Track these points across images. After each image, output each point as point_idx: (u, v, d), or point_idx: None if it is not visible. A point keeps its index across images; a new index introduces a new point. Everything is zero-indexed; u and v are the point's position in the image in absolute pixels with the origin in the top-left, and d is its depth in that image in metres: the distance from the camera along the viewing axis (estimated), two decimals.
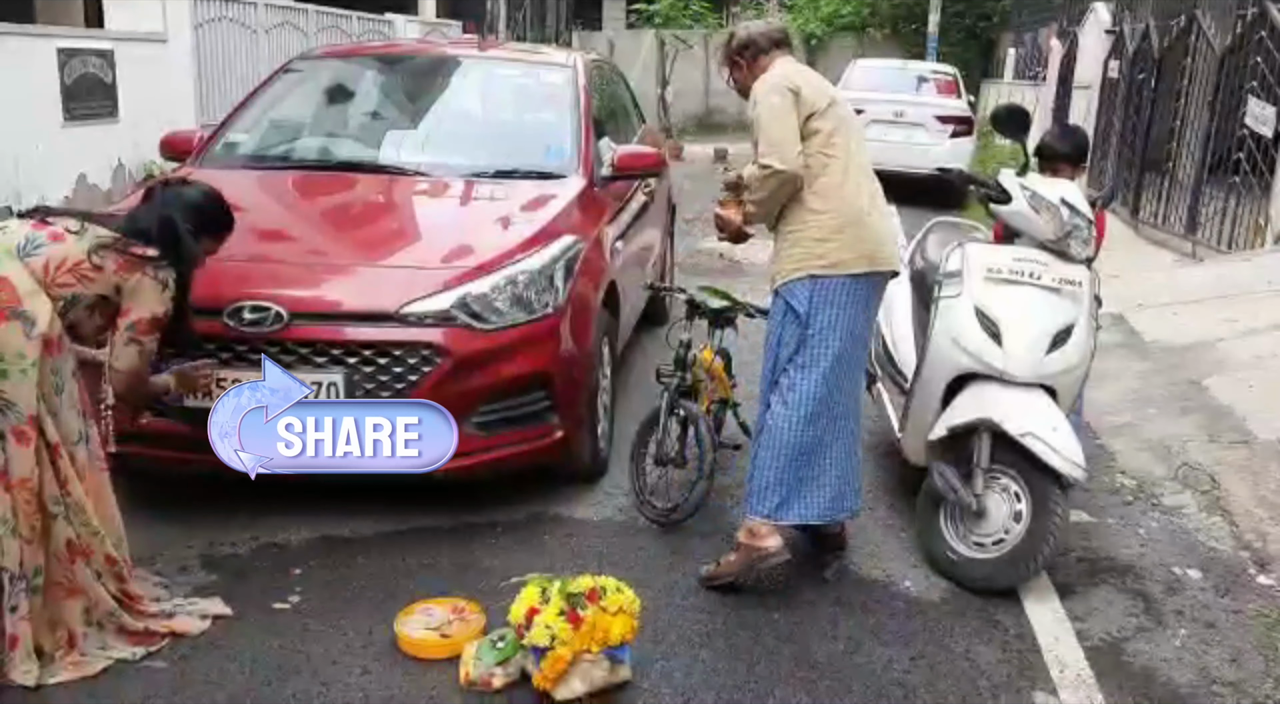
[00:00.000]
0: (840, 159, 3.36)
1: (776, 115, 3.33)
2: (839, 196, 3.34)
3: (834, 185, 3.34)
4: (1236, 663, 3.19)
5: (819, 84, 3.47)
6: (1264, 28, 7.90)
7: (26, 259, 2.84)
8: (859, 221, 3.34)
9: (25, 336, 2.76)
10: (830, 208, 3.33)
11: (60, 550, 2.89)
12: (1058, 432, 3.43)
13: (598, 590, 2.94)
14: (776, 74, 3.45)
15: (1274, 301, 6.43)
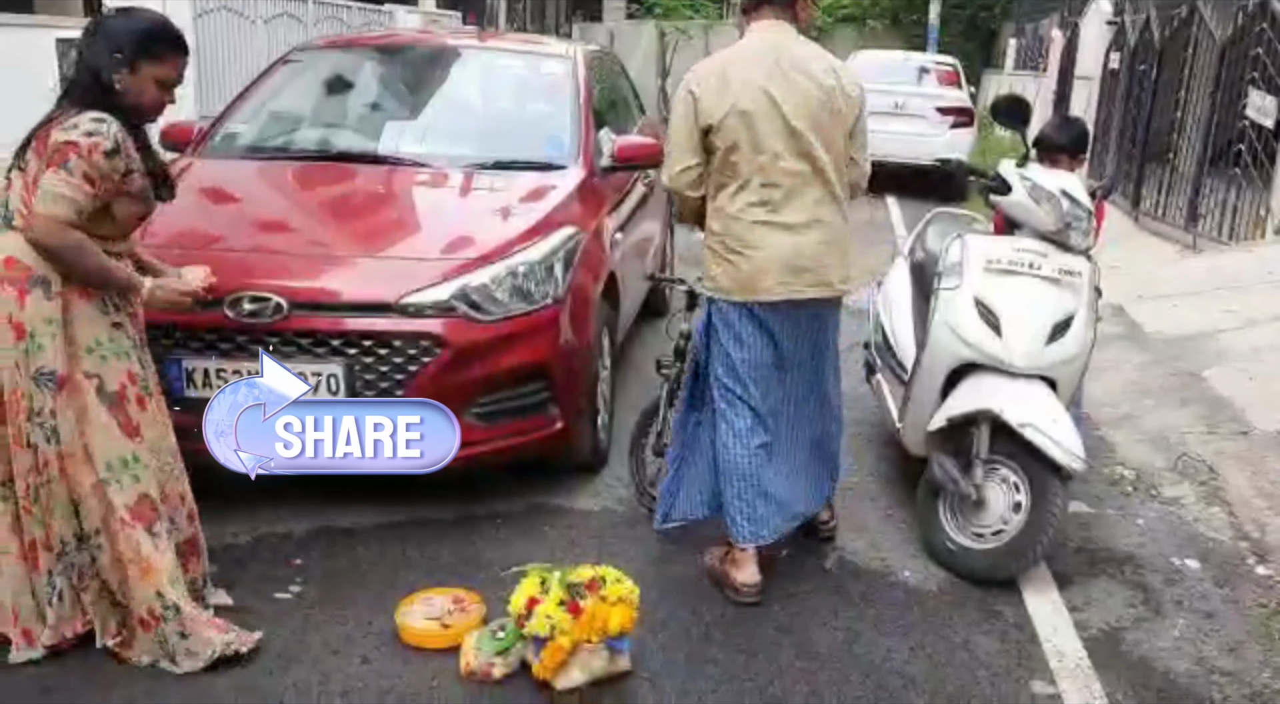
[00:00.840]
0: (736, 180, 3.19)
1: (674, 123, 3.25)
2: (724, 218, 3.23)
3: (721, 208, 3.23)
4: (1234, 653, 3.20)
5: (732, 81, 3.16)
6: (1265, 19, 7.88)
7: (10, 223, 2.76)
8: (744, 246, 3.21)
9: (46, 299, 2.70)
10: (719, 231, 3.25)
11: (120, 520, 2.81)
12: (1057, 423, 3.43)
13: (597, 580, 2.95)
14: (706, 62, 3.30)
15: (1274, 293, 6.42)
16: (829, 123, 3.21)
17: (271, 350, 3.36)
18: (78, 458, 2.79)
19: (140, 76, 2.82)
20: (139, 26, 2.85)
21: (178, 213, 4.07)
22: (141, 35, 2.83)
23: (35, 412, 2.74)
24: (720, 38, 22.87)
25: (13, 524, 2.83)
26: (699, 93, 3.16)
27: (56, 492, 2.80)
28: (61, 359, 2.74)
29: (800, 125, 3.15)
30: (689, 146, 3.21)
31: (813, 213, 3.21)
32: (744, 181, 3.17)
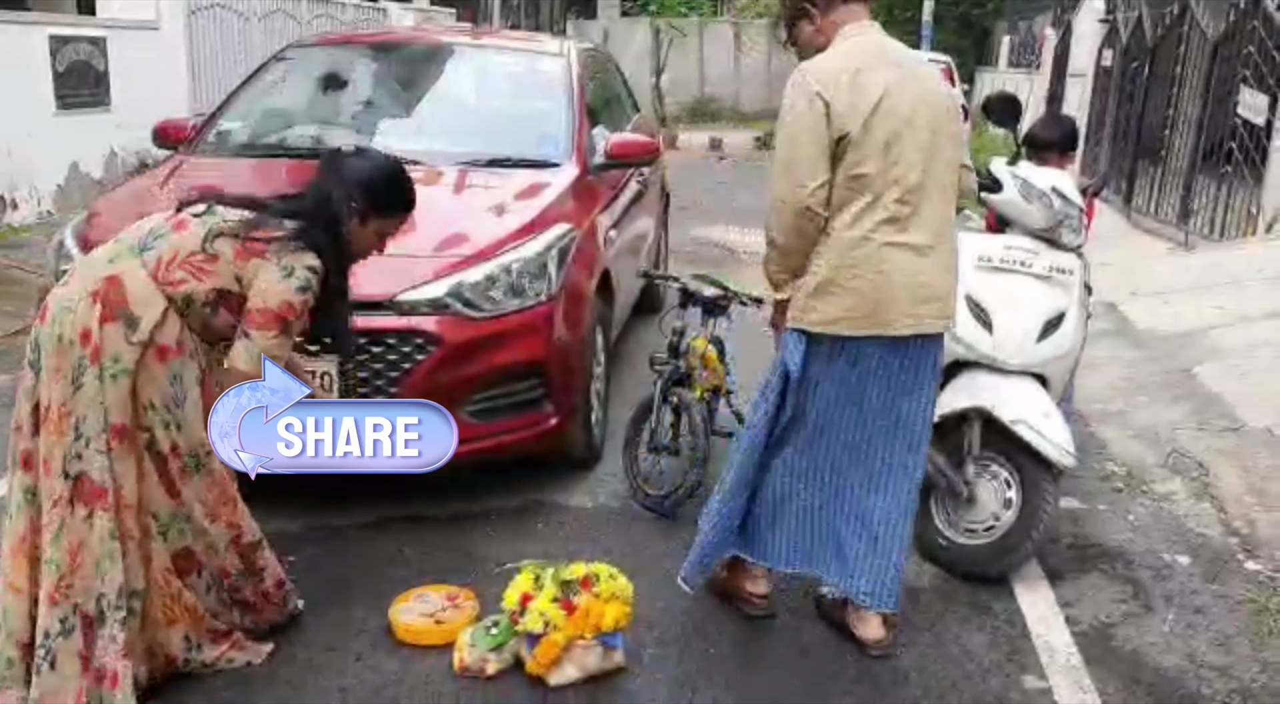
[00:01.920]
0: (864, 196, 2.77)
1: (793, 131, 2.75)
2: (844, 242, 2.79)
3: (840, 230, 2.80)
4: (1224, 647, 3.22)
5: (867, 87, 2.74)
6: (1256, 17, 7.92)
7: (144, 254, 2.64)
8: (872, 272, 2.79)
9: (125, 341, 2.57)
10: (835, 257, 2.80)
11: (163, 571, 2.72)
12: (1049, 419, 3.45)
13: (591, 577, 2.96)
14: (817, 61, 2.81)
15: (1265, 290, 6.46)
16: (949, 130, 2.89)
17: None
18: (132, 508, 2.65)
19: (367, 229, 2.83)
20: (381, 178, 2.84)
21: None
22: (381, 189, 2.84)
23: (78, 437, 2.56)
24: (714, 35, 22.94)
25: (22, 547, 2.62)
26: (831, 94, 2.72)
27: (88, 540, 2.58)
28: (120, 410, 2.60)
29: (931, 134, 2.81)
30: (822, 159, 2.74)
31: (937, 232, 2.86)
32: (875, 197, 2.77)
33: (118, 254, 2.68)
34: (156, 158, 6.42)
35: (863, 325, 2.83)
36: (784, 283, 2.92)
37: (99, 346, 2.56)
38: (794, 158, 2.76)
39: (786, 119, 2.79)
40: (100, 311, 2.57)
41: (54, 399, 2.58)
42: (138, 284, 2.61)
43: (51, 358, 2.59)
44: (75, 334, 2.57)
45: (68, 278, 2.74)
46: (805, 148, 2.75)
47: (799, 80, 2.78)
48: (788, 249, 2.85)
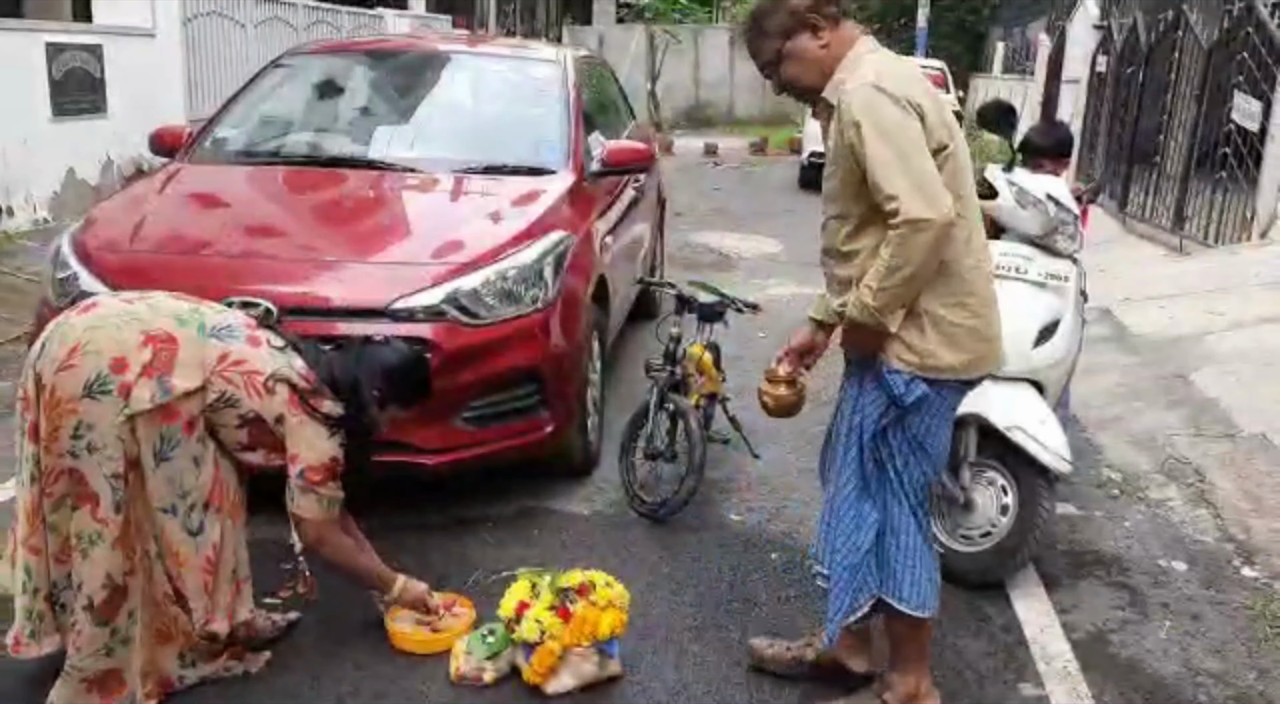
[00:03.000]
0: (968, 217, 2.52)
1: (911, 139, 2.37)
2: (959, 271, 2.51)
3: (958, 257, 2.50)
4: (1220, 654, 3.22)
5: (939, 102, 2.51)
6: (1250, 23, 7.95)
7: (210, 338, 2.71)
8: (985, 307, 2.59)
9: (150, 401, 2.60)
10: (953, 288, 2.52)
11: (164, 594, 2.76)
12: (1045, 425, 3.45)
13: (587, 585, 2.96)
14: (881, 74, 2.44)
15: (1260, 295, 6.47)
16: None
17: None
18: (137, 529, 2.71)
19: (385, 414, 2.97)
20: (403, 374, 2.99)
21: (168, 218, 4.09)
22: (403, 384, 2.99)
23: (77, 436, 2.60)
24: (710, 41, 22.98)
25: (37, 512, 2.68)
26: (918, 100, 2.42)
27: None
28: (131, 444, 2.63)
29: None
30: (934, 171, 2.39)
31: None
32: (973, 220, 2.56)
33: (188, 321, 2.73)
34: (153, 164, 6.42)
35: (971, 371, 2.61)
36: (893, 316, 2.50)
37: (130, 387, 2.59)
38: (921, 170, 2.35)
39: (888, 129, 2.37)
40: (147, 360, 2.61)
41: (64, 390, 2.59)
42: (189, 356, 2.66)
43: (65, 354, 2.60)
44: (110, 352, 2.60)
45: (111, 299, 2.81)
46: (926, 159, 2.38)
47: (875, 84, 2.40)
48: (922, 277, 2.42)
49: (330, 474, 2.81)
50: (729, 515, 4.02)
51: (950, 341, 2.53)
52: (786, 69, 2.57)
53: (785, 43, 2.54)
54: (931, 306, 2.50)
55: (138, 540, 2.70)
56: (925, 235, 2.34)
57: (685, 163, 15.26)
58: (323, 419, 2.79)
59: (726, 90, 22.96)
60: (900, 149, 2.36)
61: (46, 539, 2.69)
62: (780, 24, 2.54)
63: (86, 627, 2.65)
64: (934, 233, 2.34)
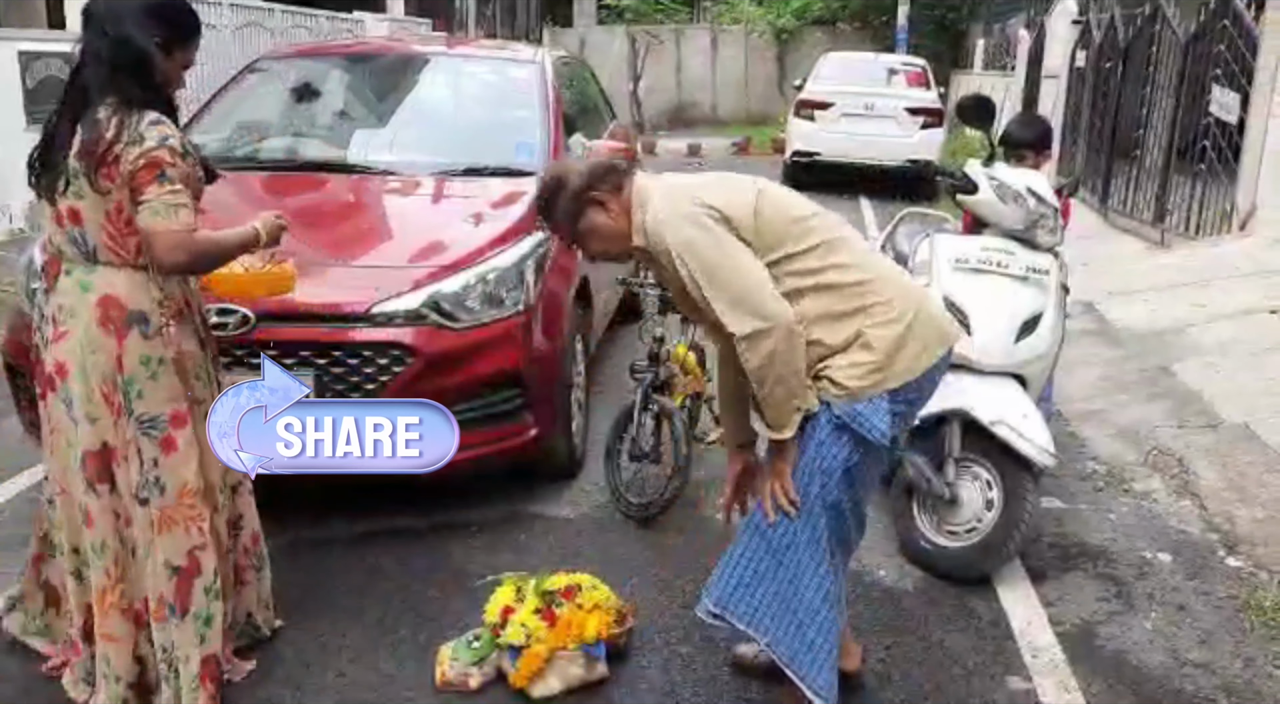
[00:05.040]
0: (834, 234, 2.53)
1: (717, 255, 2.39)
2: (881, 281, 2.51)
3: (865, 265, 2.52)
4: (1207, 644, 3.23)
5: (721, 180, 2.58)
6: (1226, 16, 7.97)
7: (97, 260, 2.58)
8: (915, 291, 2.63)
9: (145, 338, 2.58)
10: (890, 296, 2.50)
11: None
12: (1028, 419, 3.45)
13: (573, 587, 2.95)
14: (669, 199, 2.46)
15: (1241, 286, 6.49)
16: None
17: (239, 362, 3.35)
18: (200, 495, 2.69)
19: (173, 62, 2.65)
20: (169, 4, 2.64)
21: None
22: (173, 16, 2.63)
23: (144, 464, 2.63)
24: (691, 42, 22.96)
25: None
26: (709, 201, 2.45)
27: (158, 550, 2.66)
28: (168, 397, 2.63)
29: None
30: (758, 269, 2.44)
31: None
32: (831, 234, 2.54)
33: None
34: None
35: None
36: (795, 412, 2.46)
37: (120, 368, 2.59)
38: (734, 284, 2.38)
39: (694, 253, 2.39)
40: (113, 333, 2.57)
41: (111, 441, 2.63)
42: (123, 283, 2.58)
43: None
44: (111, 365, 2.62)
45: None
46: (738, 267, 2.39)
47: (668, 218, 2.42)
48: (790, 371, 2.40)
49: (150, 173, 2.49)
50: (715, 516, 3.99)
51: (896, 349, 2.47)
52: (590, 246, 2.59)
53: (578, 224, 2.54)
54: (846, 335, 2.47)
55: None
56: (765, 343, 2.35)
57: (669, 163, 15.21)
58: (115, 125, 2.49)
59: (709, 91, 22.94)
60: (709, 271, 2.38)
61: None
62: (566, 210, 2.54)
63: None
64: (770, 339, 2.35)
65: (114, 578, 2.67)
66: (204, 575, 2.69)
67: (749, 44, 22.62)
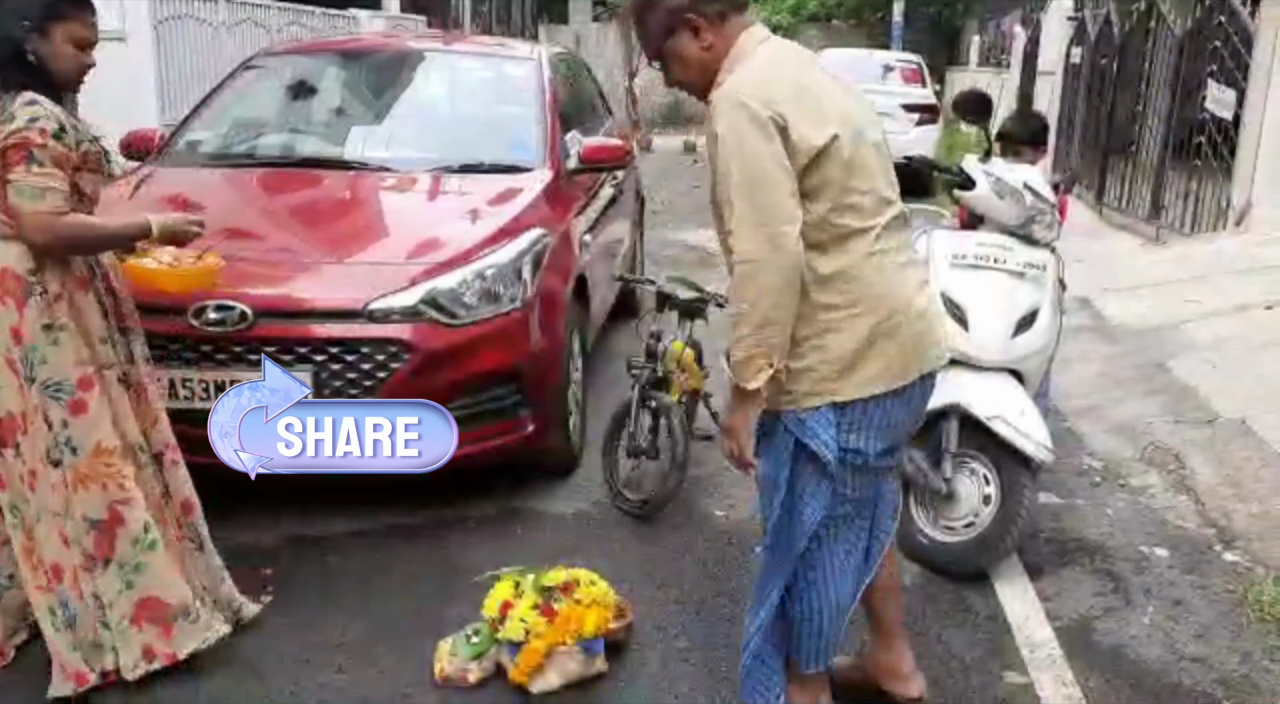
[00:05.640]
0: (864, 223, 2.29)
1: (760, 167, 2.17)
2: (865, 281, 2.30)
3: (854, 265, 2.29)
4: (1203, 639, 3.23)
5: (818, 93, 2.28)
6: (1222, 12, 7.99)
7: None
8: (904, 314, 2.35)
9: (47, 306, 2.62)
10: (855, 300, 2.29)
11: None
12: (1025, 415, 3.46)
13: (571, 583, 2.95)
14: (749, 79, 2.24)
15: (1236, 283, 6.51)
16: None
17: (237, 359, 3.36)
18: (118, 453, 2.73)
19: (54, 41, 2.64)
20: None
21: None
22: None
23: (50, 426, 2.66)
24: None
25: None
26: (783, 111, 2.19)
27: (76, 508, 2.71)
28: (74, 361, 2.67)
29: (880, 137, 2.44)
30: (791, 193, 2.20)
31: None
32: (878, 219, 2.34)
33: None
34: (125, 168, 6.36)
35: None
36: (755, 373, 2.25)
37: (21, 336, 2.62)
38: (765, 204, 2.18)
39: (739, 153, 2.19)
40: (12, 303, 2.61)
41: (13, 409, 2.65)
42: (16, 256, 2.61)
43: None
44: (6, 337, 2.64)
45: None
46: (774, 190, 2.18)
47: (737, 103, 2.20)
48: (776, 321, 2.21)
49: (18, 154, 2.53)
50: (713, 512, 4.01)
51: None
52: (672, 70, 2.39)
53: (665, 42, 2.35)
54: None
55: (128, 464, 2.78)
56: (766, 277, 2.17)
57: (664, 161, 15.24)
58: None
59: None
60: (747, 177, 2.18)
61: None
62: (658, 23, 2.34)
63: None
64: (774, 275, 2.17)
65: (28, 536, 2.73)
66: (128, 526, 2.74)
67: None
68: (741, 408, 2.32)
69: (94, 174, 2.75)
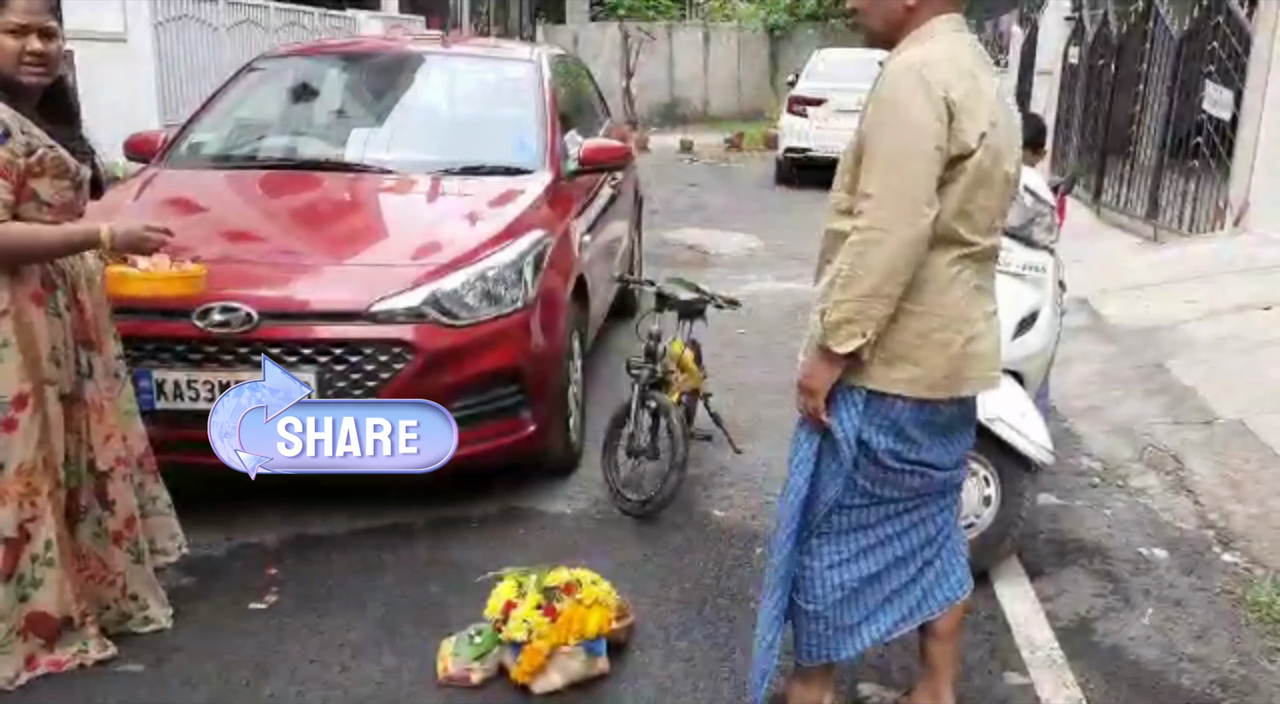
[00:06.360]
0: (966, 235, 2.30)
1: (918, 140, 2.16)
2: (936, 286, 2.29)
3: (936, 269, 2.28)
4: (1202, 639, 3.25)
5: (983, 99, 2.24)
6: (1220, 13, 8.01)
7: None
8: (960, 332, 2.35)
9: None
10: (921, 299, 2.28)
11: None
12: (1025, 417, 3.47)
13: (574, 583, 2.96)
14: (934, 58, 2.21)
15: (1234, 283, 6.53)
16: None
17: (241, 360, 3.37)
18: (37, 472, 2.71)
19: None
20: None
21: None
22: None
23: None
24: (684, 38, 23.00)
25: None
26: (955, 97, 2.17)
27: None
28: (15, 379, 2.64)
29: (1013, 171, 2.38)
30: (934, 178, 2.19)
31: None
32: (977, 245, 2.34)
33: None
34: (126, 171, 6.37)
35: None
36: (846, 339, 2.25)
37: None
38: (911, 177, 2.16)
39: (902, 120, 2.17)
40: None
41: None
42: None
43: None
44: None
45: None
46: (924, 167, 2.17)
47: (917, 75, 2.17)
48: (882, 294, 2.21)
49: None
50: (713, 511, 4.02)
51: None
52: (863, 18, 2.38)
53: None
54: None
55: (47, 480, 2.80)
56: (890, 247, 2.16)
57: (661, 160, 15.26)
58: None
59: (701, 87, 22.99)
60: (904, 149, 2.16)
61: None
62: None
63: None
64: (898, 249, 2.16)
65: None
66: (33, 543, 2.75)
67: (741, 40, 22.67)
68: (822, 367, 2.31)
69: (58, 179, 2.66)
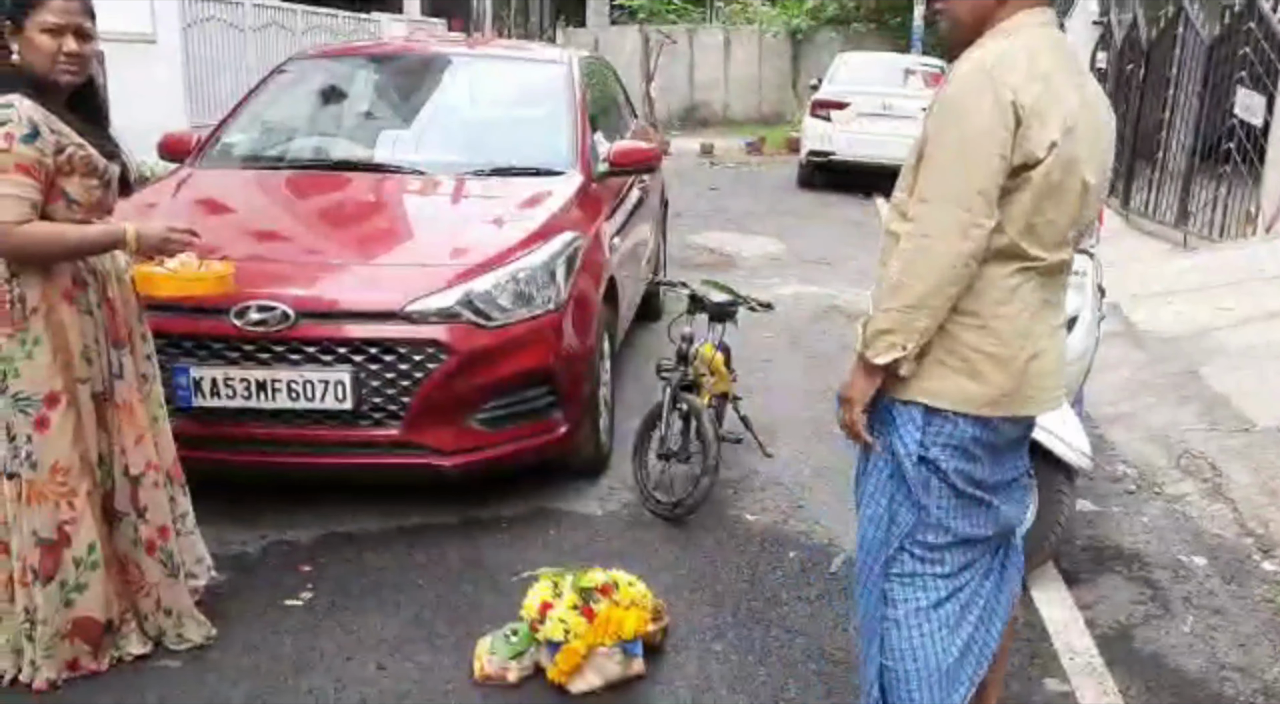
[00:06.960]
0: (1031, 250, 2.13)
1: (982, 147, 2.01)
2: (994, 299, 2.14)
3: (996, 282, 2.13)
4: (1244, 648, 3.21)
5: (1060, 103, 2.06)
6: (1252, 18, 7.95)
7: None
8: (1021, 349, 2.17)
9: (23, 317, 2.59)
10: (978, 312, 2.14)
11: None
12: (1064, 423, 3.43)
13: (610, 584, 2.96)
14: (1008, 59, 2.05)
15: (1266, 289, 6.47)
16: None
17: (278, 358, 3.38)
18: (74, 472, 2.71)
19: (29, 34, 2.53)
20: None
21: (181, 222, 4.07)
22: None
23: (12, 438, 2.65)
24: (704, 42, 22.98)
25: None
26: (1025, 101, 2.02)
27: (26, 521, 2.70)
28: (46, 376, 2.64)
29: (1095, 181, 2.18)
30: (997, 186, 2.04)
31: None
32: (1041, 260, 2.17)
33: None
34: (155, 170, 6.40)
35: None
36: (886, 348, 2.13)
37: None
38: (970, 184, 2.02)
39: (966, 125, 2.02)
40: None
41: None
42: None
43: None
44: None
45: None
46: (986, 175, 2.02)
47: (986, 75, 2.02)
48: (932, 305, 2.09)
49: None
50: (744, 515, 4.00)
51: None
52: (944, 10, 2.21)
53: None
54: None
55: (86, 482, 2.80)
56: (939, 253, 2.03)
57: (682, 163, 15.22)
58: None
59: (721, 90, 22.96)
60: (964, 155, 2.02)
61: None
62: None
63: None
64: (950, 262, 2.03)
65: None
66: (75, 546, 2.74)
67: (762, 44, 22.61)
68: (860, 377, 2.19)
69: (86, 178, 2.65)
